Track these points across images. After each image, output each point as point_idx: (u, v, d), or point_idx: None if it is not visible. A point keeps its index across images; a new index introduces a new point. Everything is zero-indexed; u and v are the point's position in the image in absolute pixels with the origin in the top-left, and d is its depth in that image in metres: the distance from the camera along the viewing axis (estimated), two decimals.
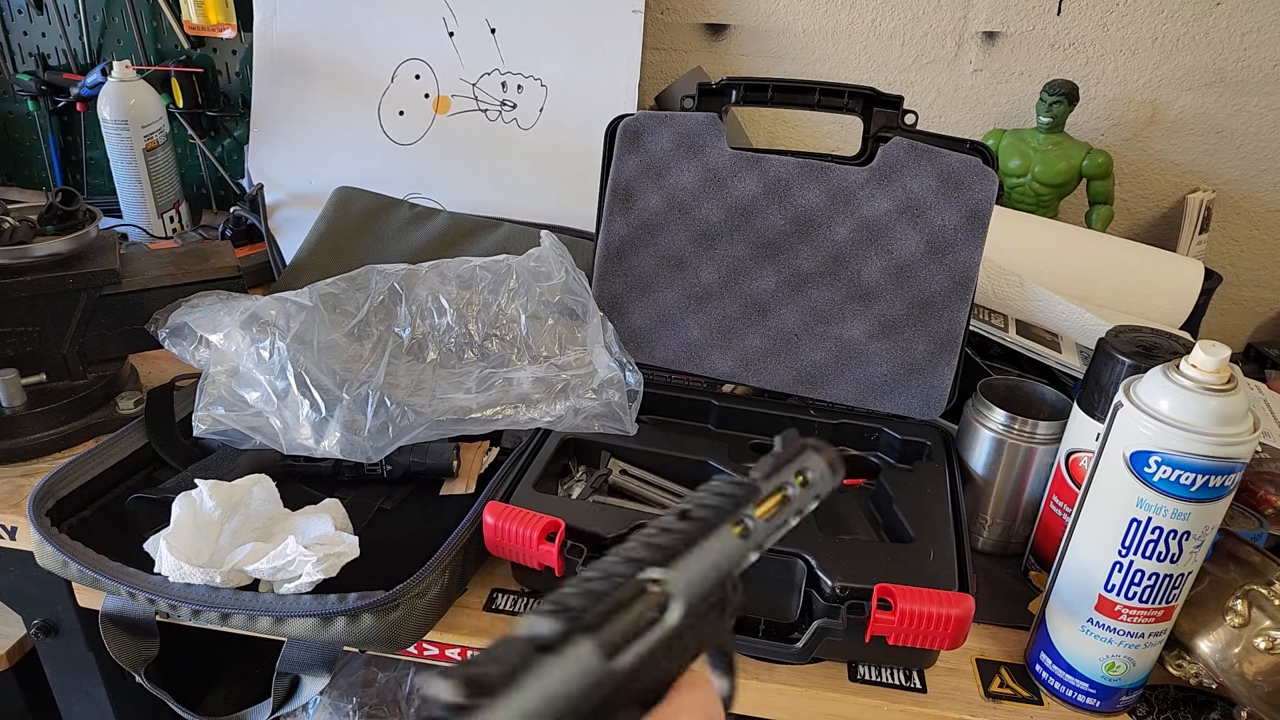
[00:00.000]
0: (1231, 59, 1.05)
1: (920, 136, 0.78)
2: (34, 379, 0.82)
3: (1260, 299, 1.16)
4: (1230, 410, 0.51)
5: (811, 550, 0.62)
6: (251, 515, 0.68)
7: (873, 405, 0.82)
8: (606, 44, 1.11)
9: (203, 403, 0.75)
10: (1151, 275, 0.95)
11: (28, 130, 1.33)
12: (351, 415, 0.73)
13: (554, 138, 1.13)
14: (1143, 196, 1.13)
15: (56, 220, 0.83)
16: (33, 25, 1.26)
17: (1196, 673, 0.59)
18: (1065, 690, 0.61)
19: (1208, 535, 0.55)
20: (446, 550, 0.64)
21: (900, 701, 0.61)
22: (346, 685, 1.00)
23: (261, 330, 0.76)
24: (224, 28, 1.18)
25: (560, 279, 0.84)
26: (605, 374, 0.78)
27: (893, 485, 0.73)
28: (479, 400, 0.76)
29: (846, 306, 0.81)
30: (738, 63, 1.16)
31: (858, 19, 1.11)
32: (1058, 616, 0.61)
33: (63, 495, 0.71)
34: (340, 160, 1.17)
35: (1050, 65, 1.09)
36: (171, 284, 0.86)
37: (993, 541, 0.75)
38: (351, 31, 1.15)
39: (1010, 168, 1.04)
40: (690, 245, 0.84)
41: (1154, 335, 0.65)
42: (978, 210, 0.77)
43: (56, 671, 0.86)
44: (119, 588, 0.64)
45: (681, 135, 0.83)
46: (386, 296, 0.83)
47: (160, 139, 1.17)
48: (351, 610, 0.60)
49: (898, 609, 0.57)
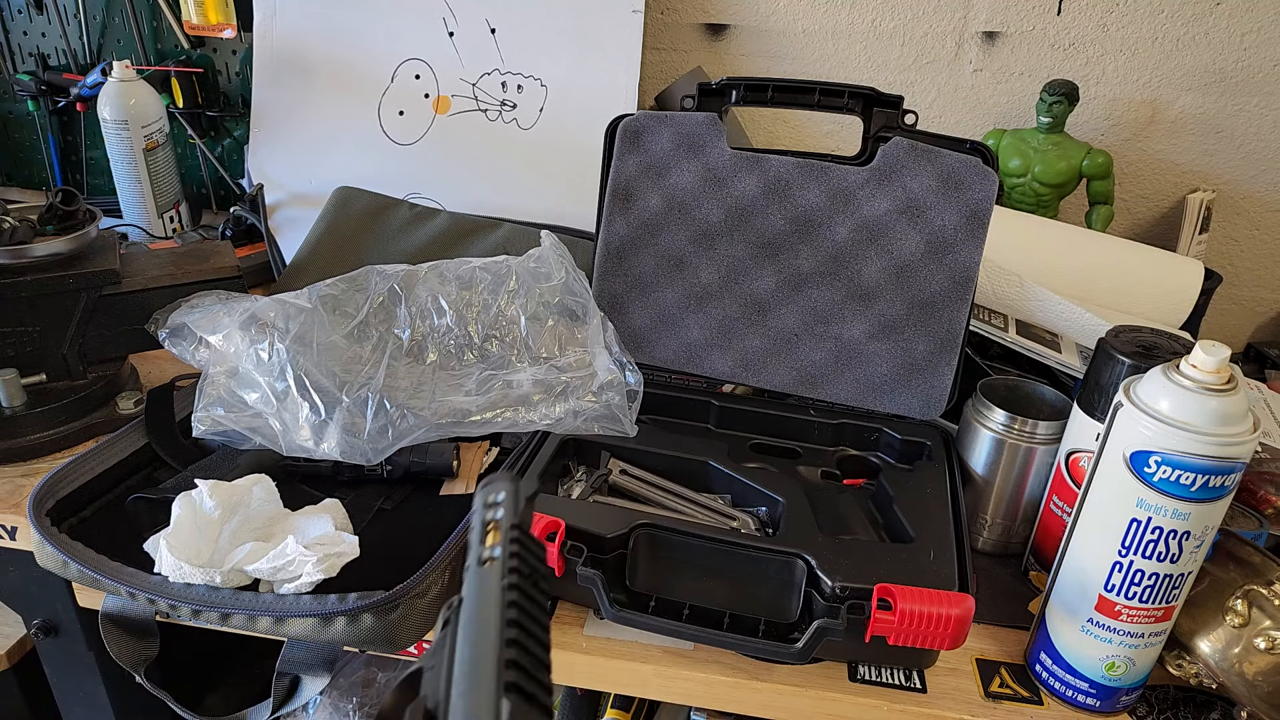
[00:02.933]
0: (1231, 59, 1.05)
1: (920, 136, 0.78)
2: (34, 379, 0.82)
3: (1260, 299, 1.16)
4: (1230, 410, 0.51)
5: (811, 550, 0.62)
6: (251, 515, 0.68)
7: (873, 405, 0.82)
8: (606, 44, 1.11)
9: (202, 403, 0.75)
10: (1151, 275, 0.95)
11: (28, 130, 1.33)
12: (351, 417, 0.73)
13: (554, 138, 1.13)
14: (1143, 196, 1.13)
15: (56, 220, 0.83)
16: (33, 25, 1.26)
17: (1196, 673, 0.59)
18: (1065, 690, 0.61)
19: (1208, 535, 0.55)
20: (446, 550, 0.64)
21: (900, 701, 0.61)
22: (346, 685, 1.00)
23: (261, 331, 0.76)
24: (224, 28, 1.18)
25: (560, 279, 0.84)
26: (605, 376, 0.78)
27: (893, 485, 0.73)
28: (479, 402, 0.76)
29: (846, 306, 0.81)
30: (738, 63, 1.16)
31: (858, 19, 1.11)
32: (1058, 616, 0.61)
33: (63, 495, 0.71)
34: (340, 160, 1.17)
35: (1050, 65, 1.09)
36: (171, 284, 0.86)
37: (993, 541, 0.75)
38: (351, 31, 1.15)
39: (1010, 168, 1.04)
40: (690, 245, 0.84)
41: (1154, 335, 0.65)
42: (978, 210, 0.77)
43: (56, 671, 0.86)
44: (119, 588, 0.64)
45: (681, 135, 0.83)
46: (386, 297, 0.83)
47: (160, 139, 1.17)
48: (351, 610, 0.60)
49: (898, 609, 0.57)
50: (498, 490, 0.34)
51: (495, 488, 0.34)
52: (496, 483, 0.34)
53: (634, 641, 0.65)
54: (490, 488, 0.35)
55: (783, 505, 0.69)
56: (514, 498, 0.34)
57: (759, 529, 0.71)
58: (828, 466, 0.80)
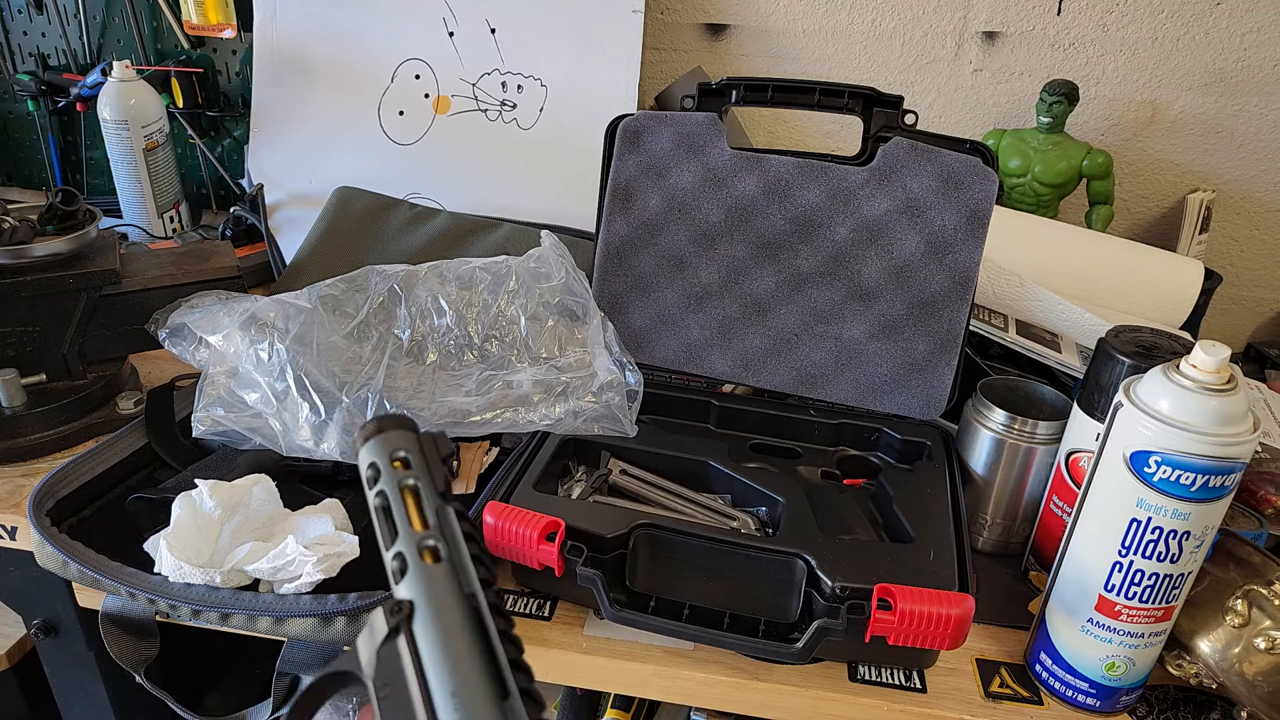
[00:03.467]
0: (1231, 59, 1.05)
1: (920, 136, 0.78)
2: (34, 379, 0.82)
3: (1260, 299, 1.16)
4: (1230, 410, 0.51)
5: (811, 550, 0.62)
6: (251, 515, 0.68)
7: (873, 405, 0.82)
8: (606, 44, 1.11)
9: (202, 403, 0.75)
10: (1151, 275, 0.95)
11: (28, 130, 1.32)
12: (351, 418, 0.73)
13: (554, 138, 1.13)
14: (1143, 196, 1.13)
15: (56, 220, 0.83)
16: (33, 25, 1.26)
17: (1196, 673, 0.59)
18: (1065, 690, 0.61)
19: (1208, 535, 0.55)
20: None
21: (900, 701, 0.61)
22: None
23: (261, 331, 0.76)
24: (224, 28, 1.18)
25: (560, 279, 0.84)
26: (605, 376, 0.78)
27: (893, 485, 0.73)
28: (479, 403, 0.76)
29: (846, 306, 0.81)
30: (738, 63, 1.16)
31: (858, 19, 1.11)
32: (1058, 616, 0.61)
33: (63, 495, 0.71)
34: (340, 160, 1.17)
35: (1050, 65, 1.09)
36: (171, 284, 0.86)
37: (993, 541, 0.75)
38: (351, 31, 1.15)
39: (1010, 168, 1.04)
40: (690, 245, 0.84)
41: (1154, 335, 0.65)
42: (978, 210, 0.77)
43: (56, 671, 0.86)
44: (119, 588, 0.64)
45: (681, 135, 0.83)
46: (386, 298, 0.83)
47: (160, 139, 1.17)
48: (351, 610, 0.60)
49: (898, 609, 0.57)
50: (397, 445, 0.29)
51: (393, 441, 0.29)
52: (389, 435, 0.29)
53: (634, 641, 0.65)
54: (383, 441, 0.29)
55: (783, 505, 0.69)
56: (421, 455, 0.29)
57: (759, 529, 0.71)
58: (828, 466, 0.80)
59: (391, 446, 0.30)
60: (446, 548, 0.27)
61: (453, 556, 0.27)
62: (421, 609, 0.26)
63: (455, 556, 0.27)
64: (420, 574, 0.27)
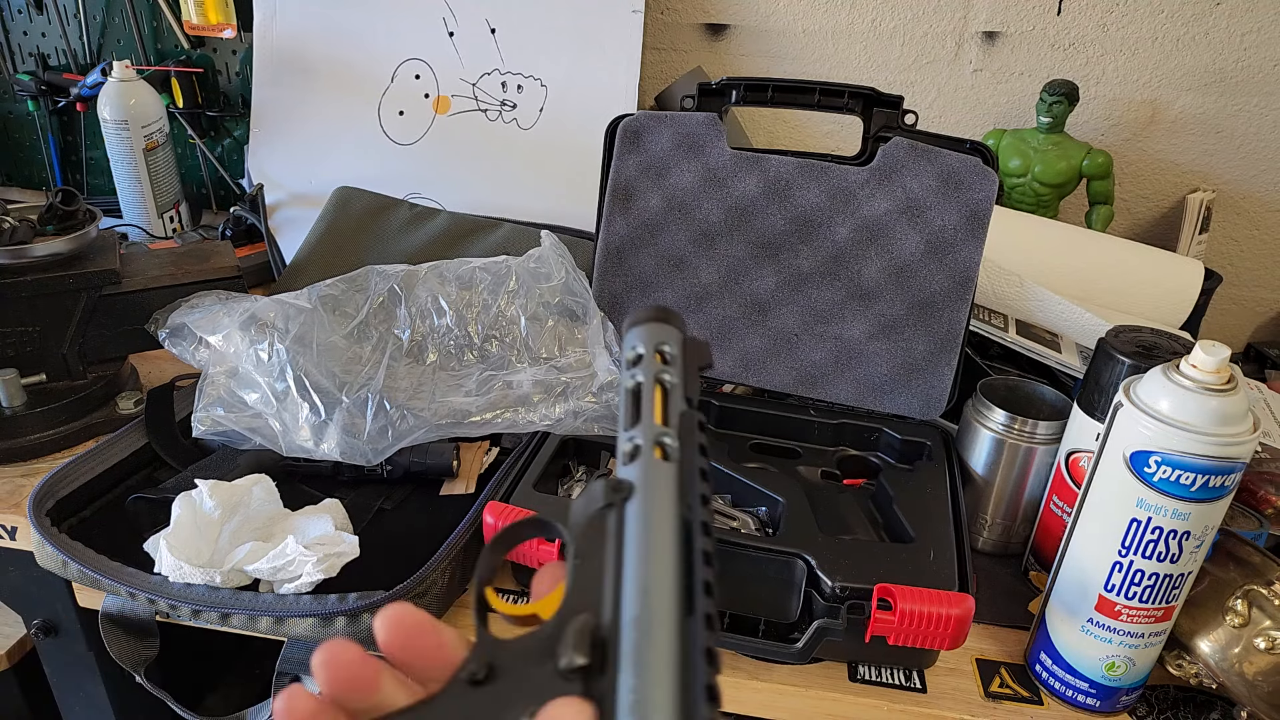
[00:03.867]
0: (1231, 59, 1.05)
1: (920, 136, 0.78)
2: (34, 379, 0.82)
3: (1260, 299, 1.16)
4: (1230, 410, 0.51)
5: (811, 550, 0.62)
6: (251, 515, 0.68)
7: (873, 405, 0.82)
8: (606, 44, 1.11)
9: (202, 403, 0.75)
10: (1151, 275, 0.95)
11: (28, 130, 1.32)
12: (351, 418, 0.73)
13: (554, 138, 1.13)
14: (1143, 196, 1.13)
15: (56, 220, 0.83)
16: (33, 25, 1.26)
17: (1196, 673, 0.59)
18: (1065, 690, 0.61)
19: (1208, 535, 0.55)
20: (447, 550, 0.64)
21: (900, 701, 0.61)
22: None
23: (261, 331, 0.76)
24: (224, 28, 1.18)
25: (560, 279, 0.84)
26: (605, 376, 0.78)
27: (893, 485, 0.73)
28: (479, 403, 0.76)
29: (846, 306, 0.81)
30: (738, 63, 1.16)
31: (858, 19, 1.11)
32: (1058, 616, 0.61)
33: (63, 495, 0.71)
34: (340, 160, 1.17)
35: (1050, 65, 1.09)
36: (171, 284, 0.86)
37: (993, 541, 0.75)
38: (351, 31, 1.15)
39: (1010, 168, 1.04)
40: (690, 245, 0.84)
41: (1154, 335, 0.65)
42: (978, 210, 0.77)
43: (56, 671, 0.86)
44: (119, 588, 0.64)
45: (681, 135, 0.83)
46: (386, 298, 0.83)
47: (160, 139, 1.17)
48: (351, 610, 0.60)
49: (898, 609, 0.57)
50: (664, 338, 0.29)
51: (662, 333, 0.29)
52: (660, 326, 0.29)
53: None
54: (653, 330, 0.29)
55: (783, 505, 0.69)
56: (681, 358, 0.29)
57: (759, 529, 0.71)
58: (828, 466, 0.80)
59: (659, 338, 0.30)
60: (681, 450, 0.27)
61: (683, 460, 0.27)
62: (639, 496, 0.26)
63: (685, 462, 0.27)
64: (648, 464, 0.27)
